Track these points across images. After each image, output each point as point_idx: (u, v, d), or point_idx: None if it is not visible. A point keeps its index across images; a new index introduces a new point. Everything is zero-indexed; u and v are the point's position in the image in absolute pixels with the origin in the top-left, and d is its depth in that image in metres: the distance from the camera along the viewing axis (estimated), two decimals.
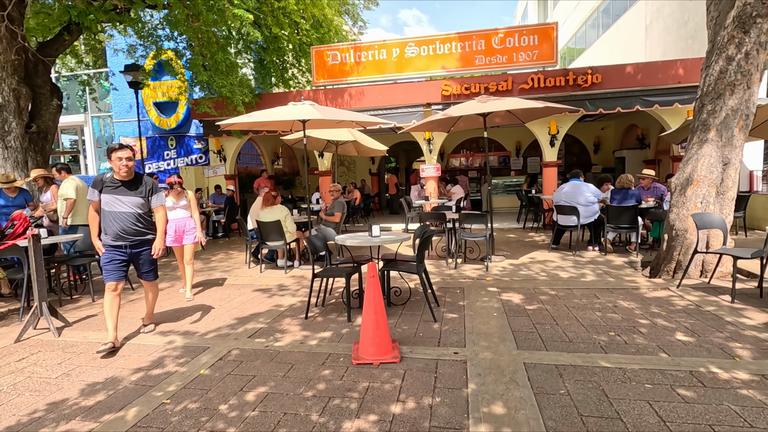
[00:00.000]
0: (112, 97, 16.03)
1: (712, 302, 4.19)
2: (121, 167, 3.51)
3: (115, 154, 3.52)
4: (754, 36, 4.69)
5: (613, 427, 2.22)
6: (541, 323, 3.79)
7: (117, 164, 3.51)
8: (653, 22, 13.15)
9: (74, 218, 5.90)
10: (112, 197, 3.53)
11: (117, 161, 3.51)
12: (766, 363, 2.87)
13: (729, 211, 5.02)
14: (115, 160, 3.52)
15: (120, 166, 3.51)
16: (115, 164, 3.52)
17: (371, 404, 2.53)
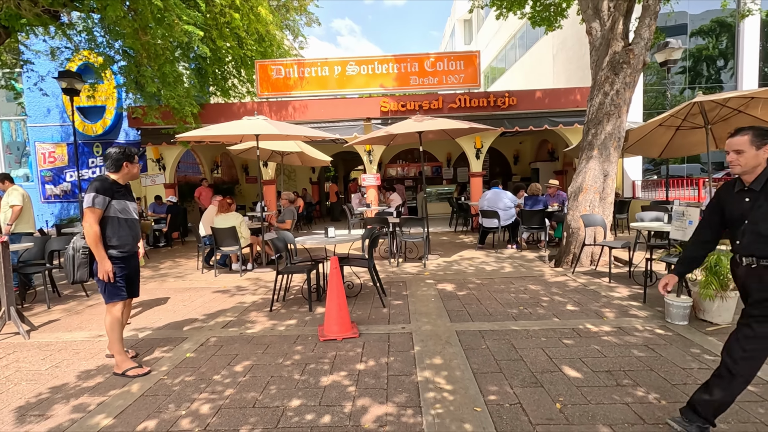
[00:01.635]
0: (27, 100, 14.95)
1: (595, 283, 5.40)
2: (136, 174, 3.40)
3: (135, 160, 3.36)
4: (621, 78, 6.10)
5: (517, 365, 3.12)
6: (468, 304, 4.70)
7: (133, 171, 3.35)
8: (559, 52, 15.25)
9: (18, 226, 5.87)
10: (125, 203, 3.27)
11: (134, 167, 3.35)
12: (623, 320, 4.00)
13: (609, 212, 6.39)
14: (132, 167, 3.34)
15: (136, 172, 3.39)
16: (131, 170, 3.34)
17: (341, 365, 3.21)
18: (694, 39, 13.95)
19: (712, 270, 3.64)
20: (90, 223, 3.08)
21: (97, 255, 3.11)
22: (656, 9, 5.88)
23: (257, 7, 9.67)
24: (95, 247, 3.10)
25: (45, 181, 14.59)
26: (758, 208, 2.07)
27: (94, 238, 3.08)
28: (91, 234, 3.08)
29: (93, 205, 3.08)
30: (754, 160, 2.10)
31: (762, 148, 2.08)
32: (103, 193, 3.11)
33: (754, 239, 2.09)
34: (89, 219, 3.09)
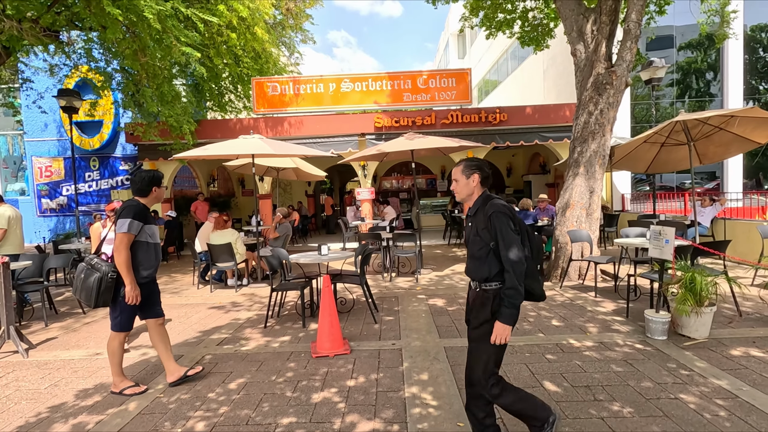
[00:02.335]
0: (24, 116, 15.09)
1: (582, 297, 5.56)
2: (162, 197, 3.43)
3: (162, 183, 3.39)
4: (605, 98, 6.33)
5: None
6: (458, 319, 4.83)
7: (161, 195, 3.40)
8: (549, 68, 15.60)
9: (3, 248, 5.68)
10: (154, 228, 3.32)
11: (161, 191, 3.39)
12: (605, 335, 4.14)
13: (595, 228, 6.57)
14: (160, 191, 3.37)
15: (162, 196, 3.42)
16: (159, 194, 3.38)
17: (332, 382, 3.33)
18: (683, 52, 14.35)
19: (687, 286, 3.80)
20: (123, 248, 3.08)
21: (127, 280, 3.09)
22: (637, 33, 6.13)
23: (254, 26, 9.91)
24: (126, 272, 3.08)
25: (41, 195, 14.67)
26: (471, 232, 2.28)
27: (127, 264, 3.09)
28: (123, 259, 3.07)
29: (128, 231, 3.10)
30: (467, 188, 2.33)
31: (470, 177, 2.31)
32: (138, 218, 3.14)
33: (469, 262, 2.30)
34: (122, 244, 3.08)
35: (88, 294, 3.10)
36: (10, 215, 5.83)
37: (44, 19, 7.12)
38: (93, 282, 3.09)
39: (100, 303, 3.13)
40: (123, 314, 3.19)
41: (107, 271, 3.11)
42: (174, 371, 3.39)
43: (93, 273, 3.11)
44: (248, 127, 10.79)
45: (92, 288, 3.09)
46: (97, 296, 3.09)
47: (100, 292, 3.10)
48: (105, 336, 4.74)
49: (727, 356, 3.53)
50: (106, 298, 3.13)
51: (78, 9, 7.11)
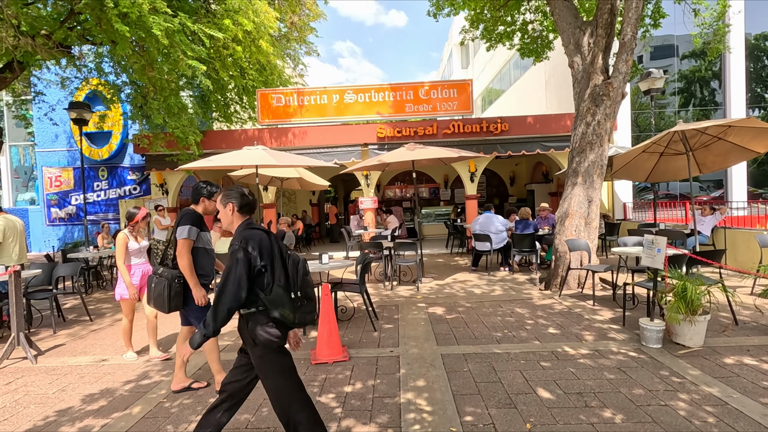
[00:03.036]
0: (36, 127, 15.44)
1: (580, 306, 5.60)
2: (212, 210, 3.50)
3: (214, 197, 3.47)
4: (602, 109, 6.43)
5: (494, 387, 3.32)
6: (456, 327, 4.90)
7: (209, 207, 3.49)
8: (551, 78, 15.74)
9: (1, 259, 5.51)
10: (208, 235, 3.48)
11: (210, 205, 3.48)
12: (600, 343, 4.19)
13: (594, 237, 6.62)
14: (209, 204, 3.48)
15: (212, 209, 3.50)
16: (207, 207, 3.48)
17: (330, 387, 3.41)
18: (686, 61, 14.43)
19: (679, 295, 3.85)
20: (185, 253, 3.24)
21: (191, 282, 3.24)
22: (632, 46, 6.24)
23: (259, 39, 10.15)
24: (191, 276, 3.24)
25: (50, 205, 14.96)
26: None
27: (190, 267, 3.24)
28: (186, 263, 3.23)
29: (188, 236, 3.26)
30: (226, 217, 2.41)
31: (226, 206, 2.39)
32: (195, 224, 3.32)
33: None
34: (185, 248, 3.24)
35: (161, 301, 3.22)
36: (5, 227, 5.63)
37: (57, 34, 7.37)
38: (163, 289, 3.21)
39: (173, 307, 3.25)
40: (201, 313, 3.32)
41: (173, 276, 3.24)
42: (181, 380, 3.52)
43: (161, 281, 3.24)
44: (253, 138, 10.99)
45: (163, 294, 3.21)
46: (169, 301, 3.22)
47: (171, 297, 3.22)
48: (111, 343, 4.87)
49: (720, 364, 3.58)
50: (177, 303, 3.26)
51: (89, 25, 7.36)
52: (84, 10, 6.89)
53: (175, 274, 3.25)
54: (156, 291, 3.25)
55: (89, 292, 8.00)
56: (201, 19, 8.68)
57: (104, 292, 8.02)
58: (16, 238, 5.88)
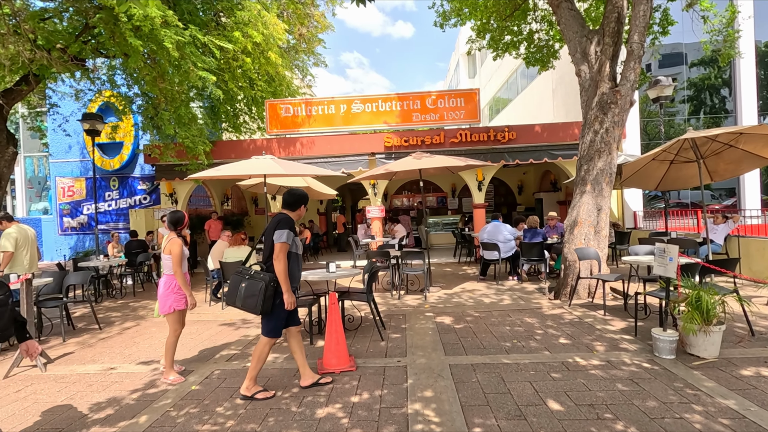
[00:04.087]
0: (50, 138, 15.75)
1: (590, 316, 5.51)
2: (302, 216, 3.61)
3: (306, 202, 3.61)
4: (610, 117, 6.39)
5: (504, 398, 3.26)
6: (464, 337, 4.84)
7: (302, 213, 3.62)
8: (558, 87, 15.73)
9: (13, 268, 5.75)
10: (299, 241, 3.54)
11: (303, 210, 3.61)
12: (612, 353, 4.11)
13: (604, 245, 6.54)
14: (303, 210, 3.61)
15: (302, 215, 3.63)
16: (301, 213, 3.61)
17: (336, 398, 3.38)
18: (696, 69, 14.35)
19: (693, 304, 3.77)
20: (282, 257, 3.27)
21: (285, 287, 3.29)
22: (640, 53, 6.22)
23: (268, 51, 10.30)
24: (284, 280, 3.28)
25: (63, 214, 15.18)
26: None
27: (285, 272, 3.28)
28: (282, 267, 3.27)
29: (285, 241, 3.30)
30: None
31: None
32: (291, 230, 3.39)
33: None
34: (282, 253, 3.27)
35: (254, 302, 3.26)
36: (17, 237, 5.79)
37: (72, 48, 7.55)
38: (259, 290, 3.24)
39: (265, 310, 3.29)
40: (278, 321, 3.39)
41: (269, 279, 3.28)
42: (309, 376, 3.61)
43: (257, 282, 3.27)
44: (261, 148, 11.09)
45: (257, 295, 3.24)
46: (263, 303, 3.25)
47: (265, 299, 3.25)
48: (119, 351, 4.88)
49: (737, 376, 3.48)
50: (268, 306, 3.29)
51: (103, 39, 7.52)
52: (98, 24, 7.05)
53: (271, 277, 3.29)
54: (249, 291, 3.27)
55: (99, 300, 8.07)
56: (211, 31, 8.84)
57: (113, 300, 8.08)
58: (28, 247, 5.98)
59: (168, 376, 3.91)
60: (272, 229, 3.36)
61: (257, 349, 3.43)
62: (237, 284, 3.35)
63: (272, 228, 3.36)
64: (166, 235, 4.05)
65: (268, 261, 3.37)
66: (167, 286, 3.93)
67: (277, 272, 3.28)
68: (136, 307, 7.30)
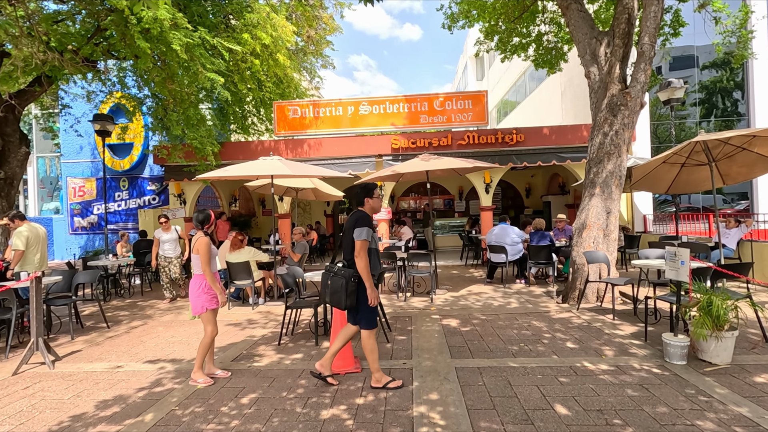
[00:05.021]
0: (62, 139, 15.97)
1: (599, 320, 5.44)
2: (377, 207, 3.63)
3: (377, 192, 3.65)
4: (620, 119, 6.32)
5: (510, 402, 3.22)
6: (471, 340, 4.80)
7: (374, 204, 3.62)
8: (566, 90, 15.63)
9: (24, 266, 5.76)
10: (376, 236, 3.59)
11: (379, 199, 3.65)
12: (621, 358, 4.04)
13: (613, 249, 6.45)
14: (377, 197, 3.63)
15: (377, 206, 3.64)
16: (377, 203, 3.64)
17: (341, 399, 3.36)
18: (707, 72, 14.16)
19: (704, 309, 3.70)
20: (364, 254, 3.37)
21: (367, 283, 3.38)
22: (651, 54, 6.15)
23: (276, 53, 10.36)
24: (367, 276, 3.37)
25: (73, 214, 15.36)
26: None
27: (367, 268, 3.38)
28: (364, 264, 3.36)
29: (366, 238, 3.39)
30: None
31: None
32: (370, 226, 3.47)
33: None
34: (363, 250, 3.37)
35: (339, 297, 3.42)
36: (29, 236, 5.82)
37: (84, 50, 7.65)
38: (341, 286, 3.39)
39: (349, 305, 3.42)
40: (371, 313, 3.50)
41: (350, 275, 3.41)
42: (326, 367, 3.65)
43: (339, 278, 3.42)
44: (269, 149, 11.14)
45: (341, 291, 3.39)
46: (346, 298, 3.39)
47: (347, 294, 3.39)
48: (126, 350, 4.91)
49: (750, 383, 3.41)
50: (351, 301, 3.42)
51: (114, 41, 7.61)
52: (109, 27, 7.14)
53: (351, 273, 3.41)
54: (334, 287, 3.45)
55: (107, 299, 8.13)
56: (221, 33, 8.91)
57: (122, 300, 8.15)
58: (38, 246, 6.04)
59: (197, 378, 3.82)
60: (351, 228, 3.46)
61: (364, 344, 3.54)
62: (325, 281, 3.55)
63: (351, 226, 3.47)
64: (195, 235, 4.03)
65: (350, 258, 3.48)
66: (198, 286, 3.88)
67: (359, 269, 3.39)
68: (143, 307, 7.35)
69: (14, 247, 5.78)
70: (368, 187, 3.63)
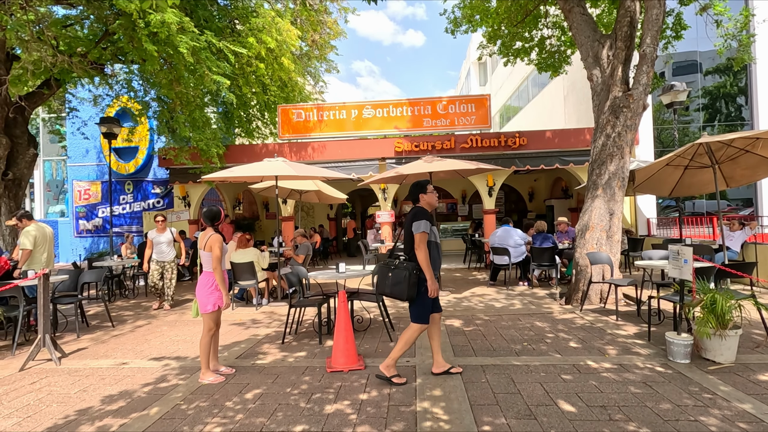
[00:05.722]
0: (68, 142, 16.13)
1: (602, 321, 5.43)
2: (433, 202, 3.68)
3: (429, 187, 3.71)
4: (622, 120, 6.35)
5: (513, 398, 3.23)
6: (474, 339, 4.81)
7: (430, 200, 3.67)
8: (569, 94, 15.67)
9: (31, 265, 5.81)
10: (435, 230, 3.65)
11: (433, 193, 3.70)
12: (624, 357, 4.04)
13: (616, 250, 6.45)
14: (431, 193, 3.69)
15: (433, 201, 3.68)
16: (432, 197, 3.68)
17: (345, 395, 3.38)
18: (710, 77, 14.18)
19: (708, 308, 3.70)
20: (424, 247, 3.44)
21: (428, 275, 3.44)
22: (653, 57, 6.19)
23: (281, 57, 10.46)
24: (427, 268, 3.43)
25: (79, 217, 15.48)
26: None
27: (427, 260, 3.44)
28: (425, 256, 3.43)
29: (425, 230, 3.46)
30: None
31: None
32: (429, 220, 3.54)
33: None
34: (423, 242, 3.44)
35: (401, 289, 3.49)
36: (36, 235, 5.87)
37: (92, 53, 7.77)
38: (404, 278, 3.46)
39: (410, 296, 3.49)
40: (425, 308, 3.55)
41: (412, 268, 3.46)
42: (441, 364, 3.74)
43: (402, 271, 3.49)
44: (273, 152, 11.22)
45: (403, 283, 3.46)
46: (408, 290, 3.45)
47: (409, 286, 3.45)
48: (131, 348, 4.95)
49: (754, 381, 3.40)
50: (413, 293, 3.48)
51: (122, 44, 7.73)
52: (117, 30, 7.25)
53: (414, 266, 3.47)
54: (395, 279, 3.51)
55: (112, 300, 8.19)
56: (226, 37, 9.02)
57: (126, 300, 8.20)
58: (45, 246, 6.11)
59: (206, 377, 3.79)
60: (410, 222, 3.54)
61: (406, 333, 3.57)
62: (385, 274, 3.63)
63: (410, 220, 3.54)
64: (202, 233, 3.99)
65: (410, 252, 3.55)
66: (208, 284, 3.86)
67: (419, 261, 3.44)
68: (147, 307, 7.39)
69: (22, 246, 5.84)
70: (421, 183, 3.71)
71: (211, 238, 3.89)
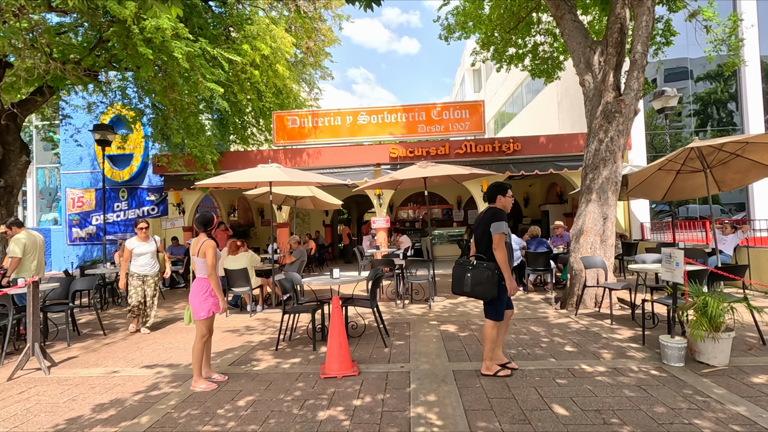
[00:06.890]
0: (61, 150, 16.05)
1: (597, 325, 5.43)
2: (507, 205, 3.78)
3: (509, 192, 3.81)
4: (615, 126, 6.40)
5: (508, 402, 3.21)
6: (469, 344, 4.79)
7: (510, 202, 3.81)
8: (563, 100, 15.81)
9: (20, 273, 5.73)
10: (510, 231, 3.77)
11: (511, 198, 3.81)
12: (619, 361, 4.04)
13: (610, 254, 6.47)
14: (509, 197, 3.79)
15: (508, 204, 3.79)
16: (509, 201, 3.80)
17: (338, 401, 3.35)
18: (701, 83, 14.35)
19: (701, 311, 3.71)
20: (502, 246, 3.55)
21: (506, 274, 3.54)
22: (643, 63, 6.26)
23: (276, 64, 10.50)
24: (506, 268, 3.54)
25: (72, 225, 15.35)
26: None
27: (506, 260, 3.55)
28: (503, 256, 3.54)
29: (504, 231, 3.57)
30: None
31: None
32: (506, 221, 3.63)
33: None
34: (502, 242, 3.55)
35: (483, 289, 3.58)
36: (26, 243, 5.79)
37: (86, 60, 7.76)
38: (486, 278, 3.54)
39: (492, 295, 3.58)
40: (501, 305, 3.67)
41: (493, 268, 3.56)
42: (500, 358, 3.86)
43: (483, 272, 3.58)
44: (268, 158, 11.21)
45: (486, 283, 3.55)
46: (490, 289, 3.55)
47: (491, 286, 3.55)
48: (123, 356, 4.89)
49: (748, 383, 3.40)
50: (494, 292, 3.58)
51: (116, 51, 7.73)
52: (111, 37, 7.25)
53: (495, 266, 3.56)
54: (475, 279, 3.60)
55: (104, 308, 8.10)
56: (221, 44, 9.04)
57: (118, 308, 8.11)
58: (35, 254, 6.04)
59: (198, 384, 3.75)
60: (487, 222, 3.61)
61: (485, 333, 3.69)
62: (461, 275, 3.70)
63: (487, 221, 3.61)
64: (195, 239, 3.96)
65: (487, 252, 3.63)
66: (202, 290, 3.82)
67: (498, 261, 3.54)
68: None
69: (11, 254, 5.77)
70: (503, 186, 3.79)
71: (204, 244, 3.87)
